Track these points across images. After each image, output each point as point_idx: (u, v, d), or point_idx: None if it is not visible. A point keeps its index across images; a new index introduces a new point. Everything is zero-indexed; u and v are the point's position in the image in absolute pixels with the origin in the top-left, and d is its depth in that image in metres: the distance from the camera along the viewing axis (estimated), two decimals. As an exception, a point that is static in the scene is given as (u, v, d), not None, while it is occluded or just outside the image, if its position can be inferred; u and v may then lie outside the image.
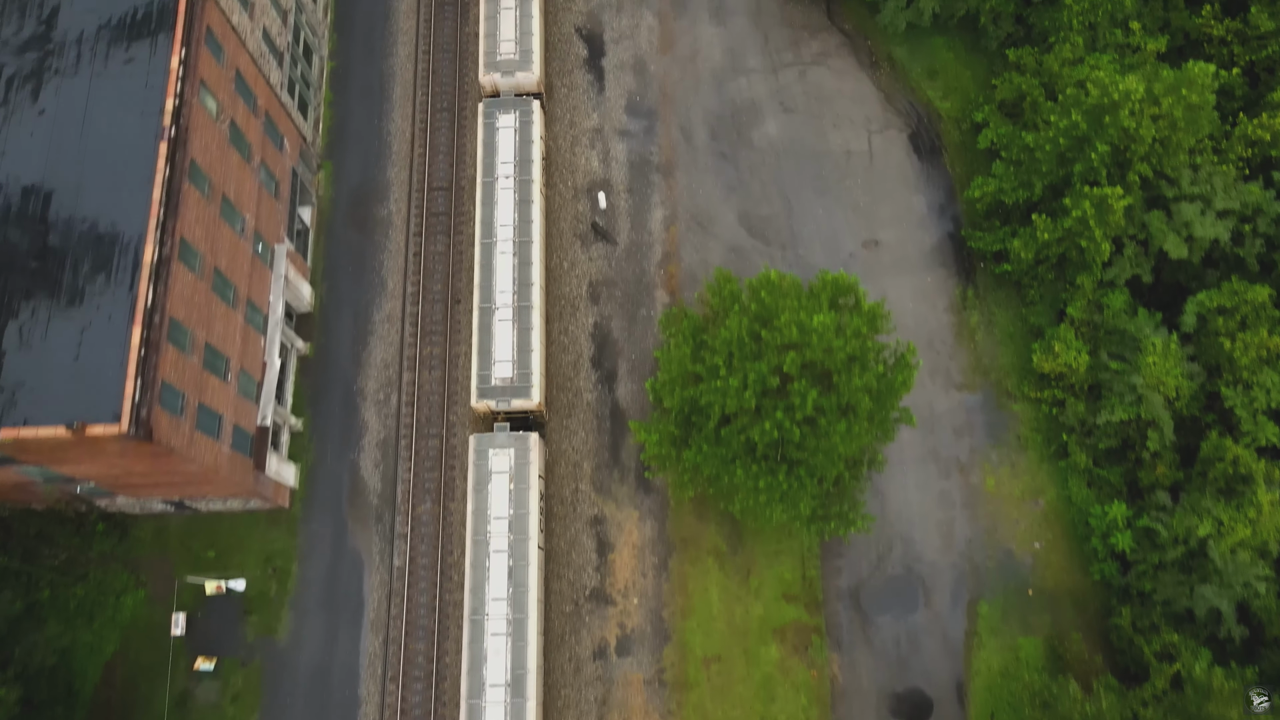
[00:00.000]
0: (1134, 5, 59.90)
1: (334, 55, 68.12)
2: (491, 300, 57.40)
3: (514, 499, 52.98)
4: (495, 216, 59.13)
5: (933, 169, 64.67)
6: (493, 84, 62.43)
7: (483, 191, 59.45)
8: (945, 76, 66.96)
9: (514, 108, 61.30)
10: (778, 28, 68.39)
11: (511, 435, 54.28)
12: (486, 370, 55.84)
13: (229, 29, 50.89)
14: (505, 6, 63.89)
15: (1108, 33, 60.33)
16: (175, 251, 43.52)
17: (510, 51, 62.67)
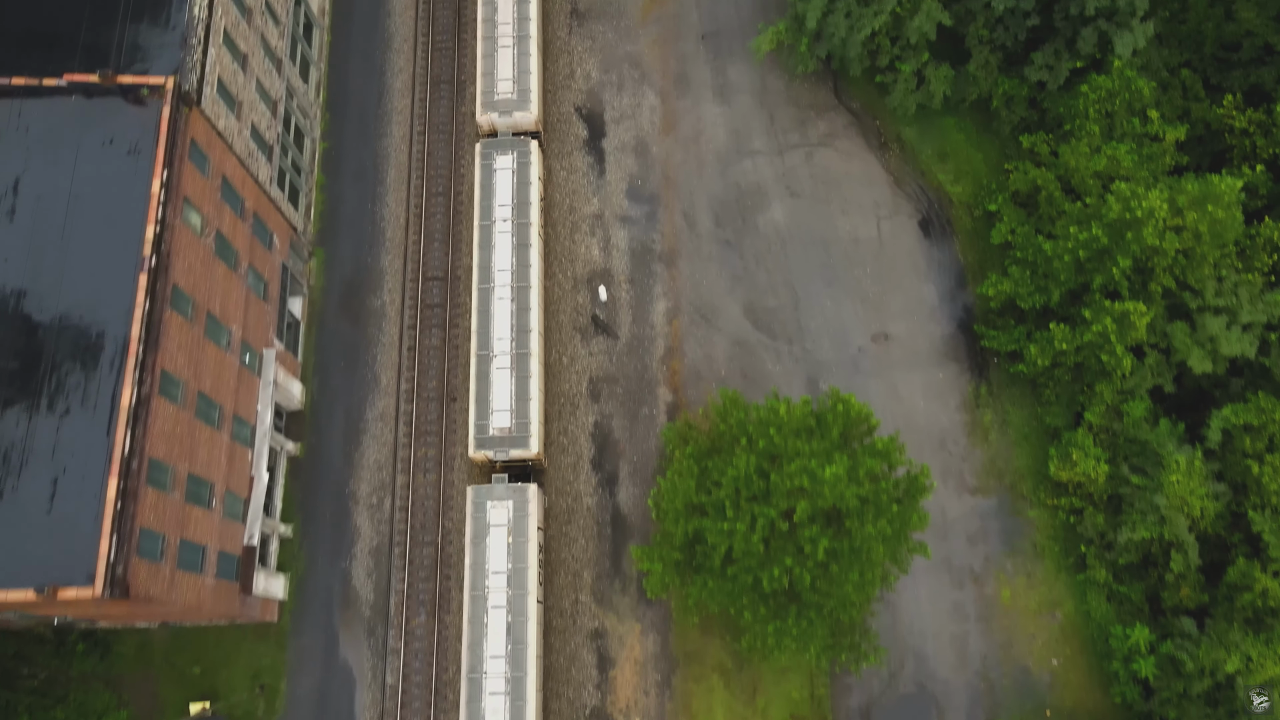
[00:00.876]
0: (1152, 94, 57.91)
1: (326, 135, 66.10)
2: (489, 347, 56.14)
3: (512, 552, 51.74)
4: (493, 261, 57.88)
5: (944, 257, 62.63)
6: (490, 124, 61.03)
7: (480, 235, 58.16)
8: (956, 159, 64.92)
9: (512, 148, 59.83)
10: (784, 106, 66.37)
11: (510, 487, 53.03)
12: (484, 420, 54.43)
13: (214, 136, 48.88)
14: (502, 45, 62.50)
15: (1125, 121, 58.31)
16: (155, 388, 41.48)
17: (508, 91, 61.30)
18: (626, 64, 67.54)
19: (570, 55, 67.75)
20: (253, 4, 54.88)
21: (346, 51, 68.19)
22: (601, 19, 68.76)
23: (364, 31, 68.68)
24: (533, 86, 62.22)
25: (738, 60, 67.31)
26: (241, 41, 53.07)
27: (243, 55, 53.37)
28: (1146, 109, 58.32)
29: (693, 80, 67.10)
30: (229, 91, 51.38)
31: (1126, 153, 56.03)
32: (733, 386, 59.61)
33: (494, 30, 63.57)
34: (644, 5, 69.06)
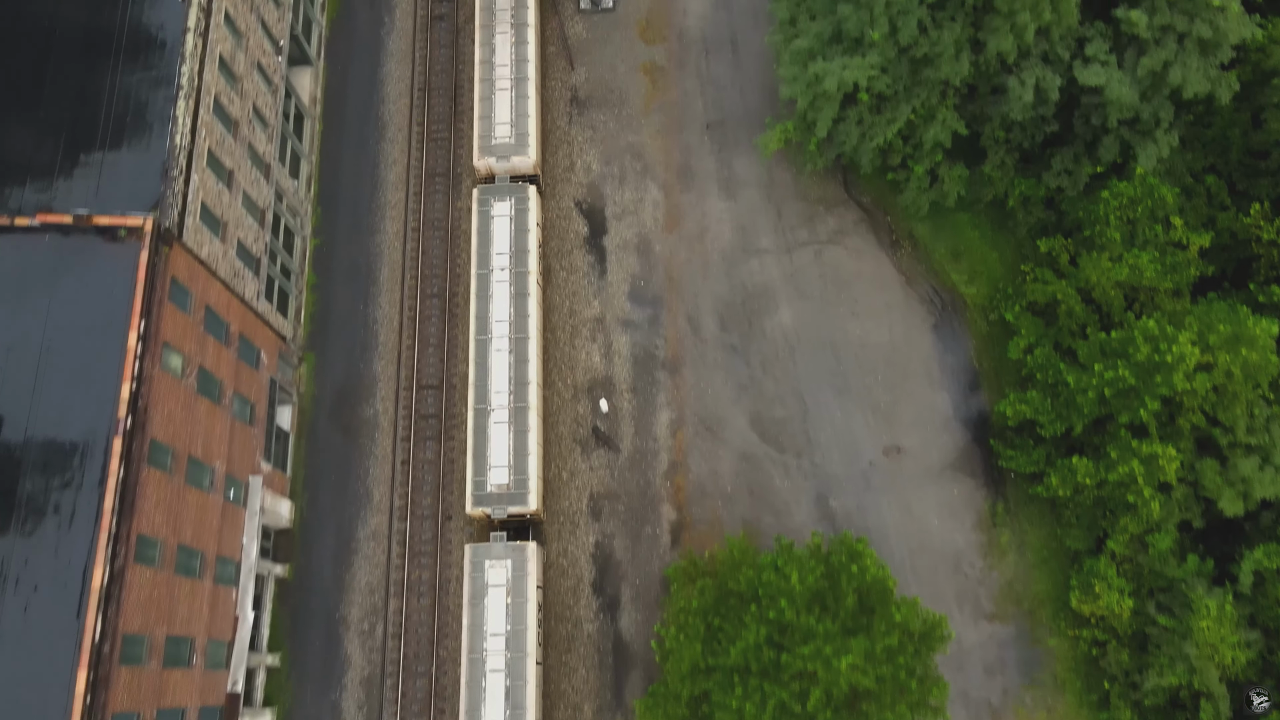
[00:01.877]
0: (1176, 201, 55.55)
1: (318, 231, 63.82)
2: (487, 401, 54.88)
3: (511, 613, 50.64)
4: (490, 311, 56.64)
5: (958, 363, 60.28)
6: (487, 168, 59.85)
7: (477, 284, 57.17)
8: (970, 258, 62.59)
9: (509, 194, 58.71)
10: (791, 201, 64.05)
11: (508, 546, 51.90)
12: (482, 476, 53.53)
13: (197, 267, 46.61)
14: (500, 88, 61.13)
15: (1147, 228, 55.91)
16: (130, 558, 39.17)
17: (505, 135, 60.16)
18: (628, 155, 65.26)
19: (570, 146, 65.48)
20: (239, 115, 52.62)
21: (339, 142, 65.95)
22: (603, 107, 66.49)
23: (357, 121, 66.46)
24: (531, 130, 60.76)
25: (744, 152, 65.01)
26: (227, 158, 50.83)
27: (228, 173, 51.14)
28: (1170, 216, 55.99)
29: (697, 173, 64.80)
30: (213, 215, 49.13)
31: (1149, 261, 53.67)
32: (739, 503, 57.49)
33: (491, 72, 62.22)
34: (646, 93, 66.81)
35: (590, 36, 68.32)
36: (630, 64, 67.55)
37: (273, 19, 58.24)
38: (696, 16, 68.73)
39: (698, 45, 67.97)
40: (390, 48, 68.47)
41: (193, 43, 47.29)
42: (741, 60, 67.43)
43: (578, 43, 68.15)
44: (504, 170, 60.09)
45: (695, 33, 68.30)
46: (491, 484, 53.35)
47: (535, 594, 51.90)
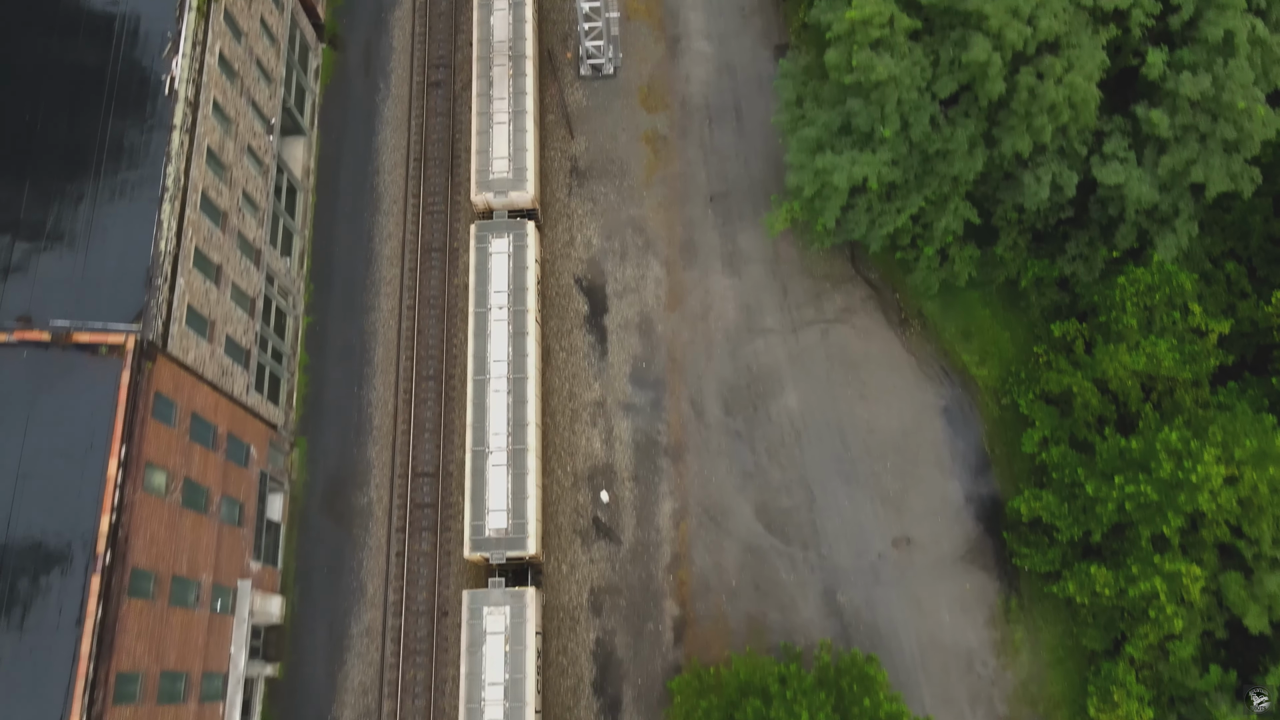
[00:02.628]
0: (1194, 288, 53.87)
1: (311, 309, 62.12)
2: (485, 443, 53.74)
3: (509, 662, 49.64)
4: (488, 351, 55.55)
5: (969, 449, 58.52)
6: (485, 203, 58.92)
7: (475, 323, 56.13)
8: (981, 338, 60.85)
9: (507, 230, 57.77)
10: (798, 277, 62.31)
11: (507, 592, 51.02)
12: (480, 520, 52.45)
13: (183, 375, 44.88)
14: (498, 122, 60.07)
15: (1165, 315, 54.23)
16: (108, 701, 37.39)
17: (503, 170, 59.07)
18: (630, 230, 63.55)
19: (570, 219, 63.77)
20: (228, 206, 50.91)
21: (333, 215, 64.27)
22: (603, 178, 64.79)
23: (352, 192, 64.77)
24: (529, 165, 59.57)
25: (748, 225, 63.29)
26: (215, 254, 49.12)
27: (216, 268, 49.44)
28: (1188, 303, 54.27)
29: (700, 248, 63.09)
30: (200, 315, 47.42)
31: (1167, 350, 51.92)
32: (744, 598, 55.73)
33: (489, 106, 61.01)
34: (648, 164, 65.10)
35: (590, 104, 66.65)
36: (632, 133, 65.86)
37: (264, 98, 56.56)
38: (699, 83, 67.08)
39: (701, 113, 66.29)
40: (385, 115, 66.79)
41: (179, 141, 45.60)
42: (745, 128, 65.74)
43: (577, 110, 66.48)
44: (502, 205, 59.05)
45: (698, 100, 66.63)
46: (490, 528, 52.36)
47: (534, 641, 50.95)
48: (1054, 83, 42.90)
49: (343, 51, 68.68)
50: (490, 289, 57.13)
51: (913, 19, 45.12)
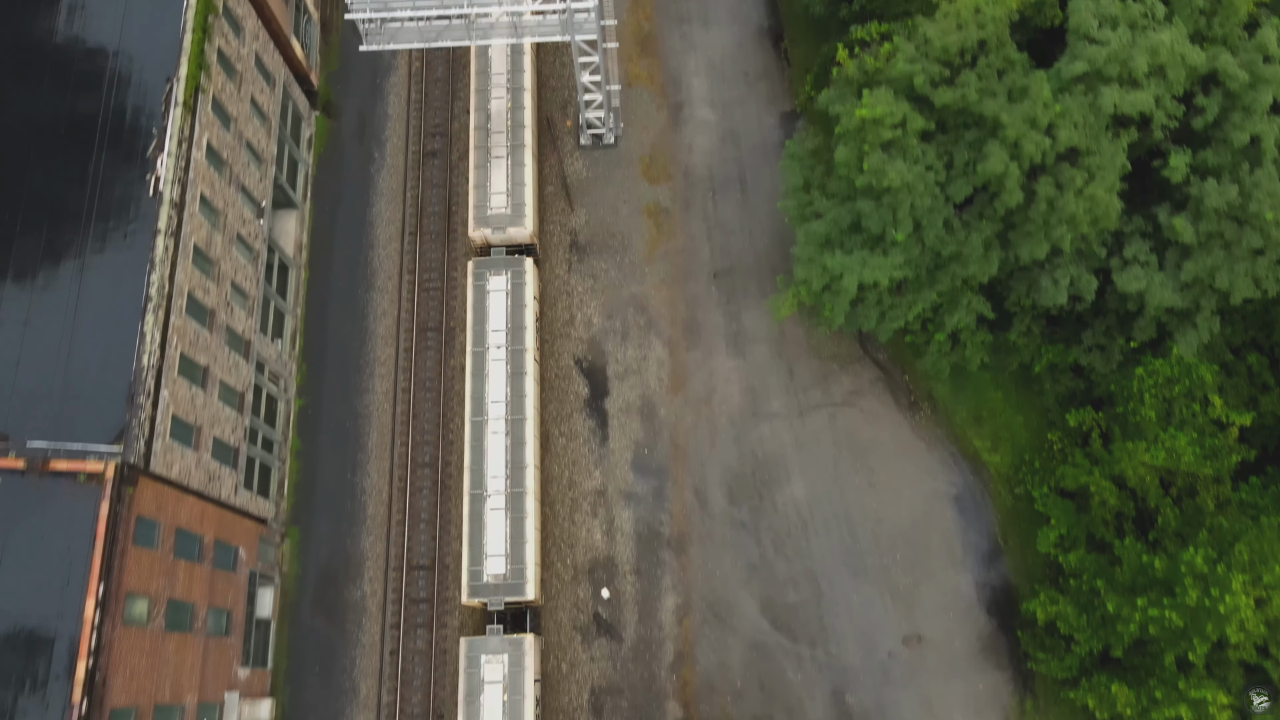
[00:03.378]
0: (1215, 380, 52.06)
1: (303, 391, 60.35)
2: (483, 486, 52.72)
3: (508, 711, 48.70)
4: (486, 392, 54.42)
5: (981, 541, 56.71)
6: (483, 238, 58.09)
7: (472, 363, 55.13)
8: (993, 423, 59.06)
9: (505, 267, 56.91)
10: (804, 358, 60.51)
11: (505, 640, 50.04)
12: (478, 566, 51.48)
13: (166, 493, 43.12)
14: (495, 156, 59.16)
15: (1184, 407, 52.44)
16: None
17: (501, 205, 58.07)
18: (631, 308, 61.78)
19: (570, 297, 62.01)
20: (215, 302, 49.17)
21: (326, 292, 62.50)
22: (604, 254, 63.04)
23: (345, 268, 63.03)
24: (527, 200, 58.41)
25: (753, 303, 61.51)
26: (201, 356, 47.37)
27: (203, 370, 47.69)
28: (1209, 395, 52.52)
29: (704, 327, 61.32)
30: (186, 424, 45.68)
31: (1187, 444, 50.15)
32: (749, 699, 53.95)
33: (486, 139, 59.83)
34: (650, 238, 63.37)
35: (591, 175, 64.92)
36: (633, 205, 64.13)
37: (254, 181, 54.84)
38: (703, 152, 65.34)
39: (704, 184, 64.56)
40: (380, 186, 65.06)
41: (163, 246, 43.85)
42: (750, 200, 64.02)
43: (577, 181, 64.76)
44: (500, 241, 58.22)
45: (702, 170, 64.89)
46: (488, 574, 51.36)
47: (534, 689, 49.83)
48: (1074, 194, 41.17)
49: (336, 119, 66.97)
50: (488, 328, 56.17)
51: (926, 119, 43.41)
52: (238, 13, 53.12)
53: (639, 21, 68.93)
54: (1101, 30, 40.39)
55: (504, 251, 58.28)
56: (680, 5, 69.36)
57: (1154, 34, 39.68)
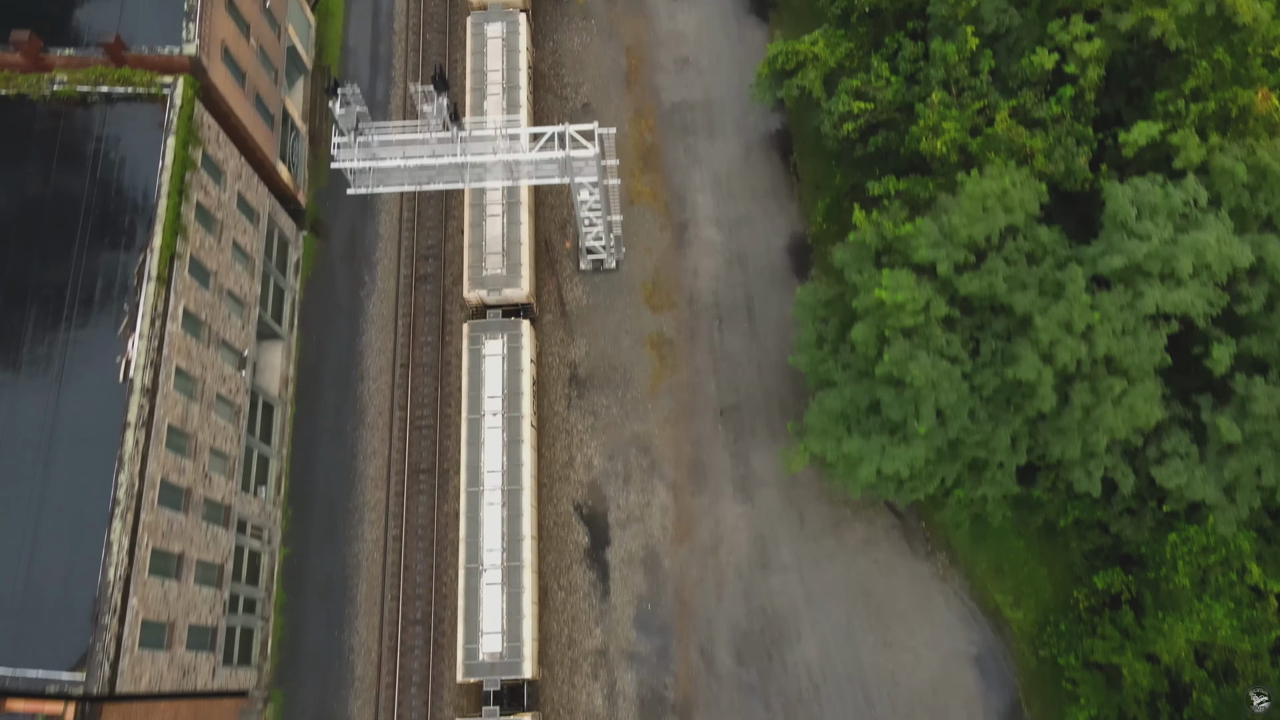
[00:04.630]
0: (1252, 548, 49.12)
1: (289, 538, 57.34)
2: (479, 559, 51.20)
3: None
4: (482, 461, 53.13)
5: (1003, 706, 53.66)
6: (479, 299, 56.72)
7: (468, 430, 53.83)
8: (1015, 575, 56.05)
9: (501, 330, 55.69)
10: (815, 504, 57.50)
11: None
12: (474, 644, 50.03)
13: (134, 708, 40.07)
14: (491, 214, 57.80)
15: (1221, 575, 49.50)
16: None
17: (497, 266, 56.77)
18: (634, 449, 58.77)
19: (569, 436, 59.02)
20: (191, 479, 46.16)
21: (313, 429, 59.51)
22: (605, 389, 60.06)
23: (334, 402, 60.04)
24: (524, 260, 56.91)
25: (761, 444, 58.54)
26: (176, 543, 44.38)
27: (178, 558, 44.68)
28: (1246, 562, 49.58)
29: (710, 470, 58.31)
30: (158, 624, 42.66)
31: (1224, 616, 47.33)
32: None
33: (482, 198, 58.23)
34: (654, 372, 60.40)
35: (591, 302, 61.97)
36: (635, 336, 61.18)
37: (235, 332, 51.92)
38: (708, 276, 62.41)
39: (710, 312, 61.62)
40: (370, 313, 62.12)
41: (133, 440, 40.88)
42: (758, 330, 61.10)
43: (577, 309, 61.82)
44: (496, 301, 56.79)
45: (707, 297, 61.95)
46: (484, 652, 49.83)
47: None
48: (1111, 403, 38.29)
49: (325, 239, 64.04)
50: (484, 394, 54.73)
51: (950, 306, 40.49)
52: (218, 157, 50.23)
53: (641, 134, 66.10)
54: (1140, 222, 37.49)
55: (500, 314, 56.88)
56: (684, 116, 66.52)
57: (1198, 233, 36.78)
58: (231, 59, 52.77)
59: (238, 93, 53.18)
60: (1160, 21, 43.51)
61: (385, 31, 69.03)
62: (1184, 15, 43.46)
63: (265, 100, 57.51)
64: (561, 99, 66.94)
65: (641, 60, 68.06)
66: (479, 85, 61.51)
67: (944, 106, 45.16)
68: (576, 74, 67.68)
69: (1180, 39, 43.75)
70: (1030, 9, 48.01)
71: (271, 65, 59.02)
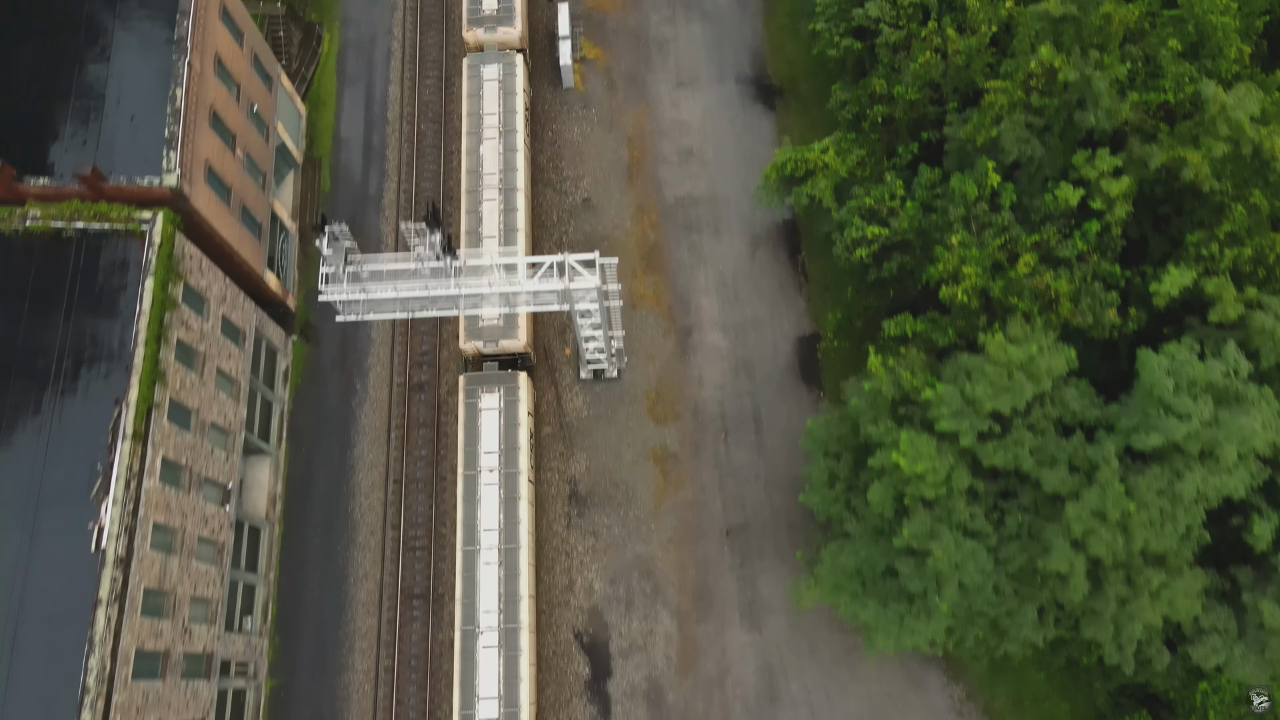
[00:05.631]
0: (1287, 696, 46.76)
1: (276, 669, 54.90)
2: (475, 621, 50.32)
3: None
4: (478, 519, 52.07)
5: None
6: (475, 350, 55.60)
7: (464, 487, 52.74)
8: (1036, 711, 53.58)
9: (498, 384, 54.81)
10: (826, 631, 55.03)
11: None
12: (469, 710, 49.16)
13: None
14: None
15: None
16: None
17: (494, 318, 55.32)
18: (637, 572, 56.35)
19: (569, 558, 56.59)
20: (169, 640, 43.71)
21: (302, 551, 57.07)
22: (606, 507, 57.64)
23: (323, 520, 57.62)
24: (520, 323, 55.60)
25: (769, 566, 56.13)
26: (153, 713, 41.89)
27: (154, 729, 42.27)
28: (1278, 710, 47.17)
29: (716, 595, 55.86)
30: (131, 808, 40.22)
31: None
32: None
33: (477, 243, 56.68)
34: (657, 488, 57.98)
35: (592, 413, 59.57)
36: (638, 450, 58.76)
37: (218, 465, 49.54)
38: (713, 385, 60.00)
39: (715, 424, 59.21)
40: (362, 423, 59.71)
41: (104, 619, 38.46)
42: (765, 443, 58.71)
43: (577, 420, 59.43)
44: (493, 352, 55.67)
45: (712, 407, 59.54)
46: (480, 718, 48.94)
47: None
48: (1149, 596, 35.90)
49: (315, 344, 61.66)
50: (480, 449, 53.55)
51: (974, 477, 38.10)
52: (201, 286, 47.90)
53: (644, 230, 63.76)
54: (1179, 396, 35.10)
55: (496, 366, 55.90)
56: (688, 211, 64.18)
57: (1243, 418, 34.40)
58: (216, 177, 50.48)
59: (223, 212, 50.87)
60: (1193, 164, 41.17)
61: (379, 121, 66.71)
62: (1218, 157, 41.13)
63: (252, 210, 55.20)
64: (561, 193, 64.62)
65: (644, 152, 65.74)
66: (474, 129, 60.44)
67: (963, 247, 42.77)
68: (576, 166, 65.34)
69: (1214, 181, 41.42)
70: (1053, 135, 45.65)
71: (259, 170, 56.73)
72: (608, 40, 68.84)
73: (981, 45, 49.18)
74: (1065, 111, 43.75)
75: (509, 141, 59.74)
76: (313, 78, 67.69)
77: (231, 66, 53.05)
